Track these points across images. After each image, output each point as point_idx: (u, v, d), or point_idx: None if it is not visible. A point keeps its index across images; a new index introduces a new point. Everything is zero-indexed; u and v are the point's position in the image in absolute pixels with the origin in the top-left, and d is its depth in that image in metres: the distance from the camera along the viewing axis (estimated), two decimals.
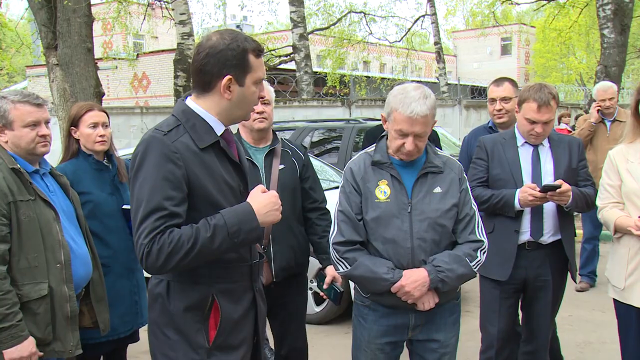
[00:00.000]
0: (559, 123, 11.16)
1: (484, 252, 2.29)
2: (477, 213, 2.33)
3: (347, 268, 2.26)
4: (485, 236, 2.33)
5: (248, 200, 1.84)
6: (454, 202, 2.26)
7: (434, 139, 4.12)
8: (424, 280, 2.16)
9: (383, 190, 2.25)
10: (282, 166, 2.85)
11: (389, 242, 2.22)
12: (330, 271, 2.86)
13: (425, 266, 2.20)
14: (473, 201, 2.35)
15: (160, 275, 1.87)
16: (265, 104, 2.80)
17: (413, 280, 2.16)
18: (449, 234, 2.27)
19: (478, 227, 2.31)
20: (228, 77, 1.81)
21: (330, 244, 2.31)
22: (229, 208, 1.80)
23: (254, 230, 1.80)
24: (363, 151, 2.39)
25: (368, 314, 2.34)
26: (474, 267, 2.25)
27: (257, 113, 2.77)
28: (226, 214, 1.77)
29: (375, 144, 2.36)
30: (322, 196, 3.03)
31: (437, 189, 2.26)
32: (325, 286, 2.88)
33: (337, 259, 2.29)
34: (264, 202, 1.83)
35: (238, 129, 2.94)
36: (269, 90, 2.85)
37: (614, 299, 2.76)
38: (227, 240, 1.75)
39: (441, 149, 4.20)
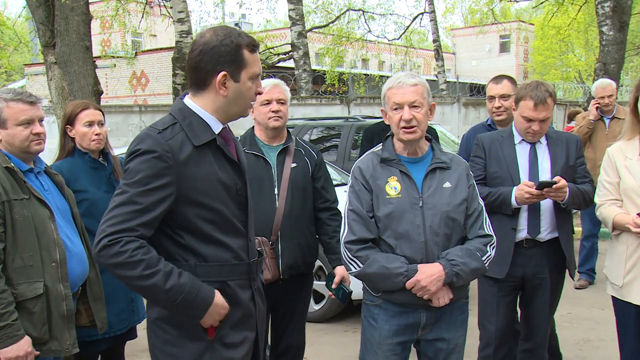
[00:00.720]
0: (570, 121, 11.09)
1: (493, 247, 2.31)
2: (484, 209, 2.35)
3: (359, 267, 2.24)
4: (493, 231, 2.34)
5: (216, 297, 1.81)
6: (464, 196, 2.28)
7: (433, 137, 4.11)
8: (440, 274, 2.16)
9: (393, 186, 2.25)
10: (294, 164, 2.89)
11: (401, 237, 2.22)
12: (339, 271, 2.88)
13: (439, 260, 2.20)
14: (480, 197, 2.37)
15: None
16: (281, 103, 2.86)
17: (429, 275, 2.15)
18: (461, 228, 2.28)
19: (486, 222, 2.33)
20: (223, 73, 1.80)
21: (342, 244, 2.30)
22: (199, 282, 1.78)
23: (193, 316, 1.78)
24: (370, 151, 2.40)
25: (379, 314, 2.31)
26: (485, 262, 2.26)
27: (273, 112, 2.83)
28: (194, 283, 1.76)
29: (381, 144, 2.38)
30: (334, 196, 3.05)
31: (447, 184, 2.28)
32: (334, 286, 2.89)
33: (350, 258, 2.26)
34: (219, 309, 1.82)
35: (253, 127, 2.99)
36: (284, 90, 2.91)
37: (612, 297, 2.76)
38: (173, 294, 1.72)
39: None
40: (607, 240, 3.08)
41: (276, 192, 2.83)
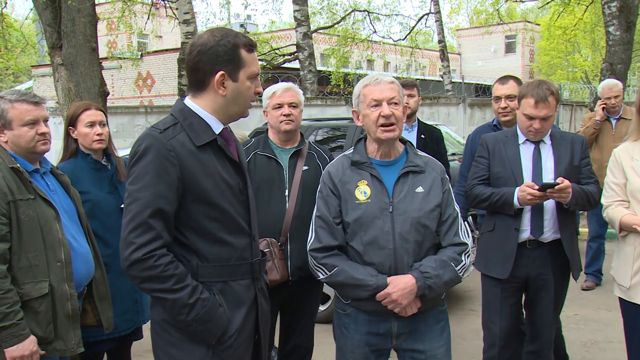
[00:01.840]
0: None
1: (468, 256, 2.23)
2: (459, 215, 2.28)
3: (326, 274, 2.19)
4: (468, 238, 2.26)
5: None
6: (436, 202, 2.20)
7: (438, 137, 4.11)
8: (412, 287, 2.09)
9: (363, 191, 2.19)
10: (306, 167, 2.91)
11: (370, 243, 2.15)
12: None
13: (411, 272, 2.13)
14: (455, 202, 2.30)
15: None
16: (292, 107, 2.89)
17: (401, 288, 2.09)
18: (432, 234, 2.20)
19: (461, 228, 2.25)
20: (221, 73, 1.82)
21: (308, 251, 2.26)
22: (218, 307, 1.82)
23: (210, 334, 1.81)
24: (341, 154, 2.35)
25: (349, 324, 2.26)
26: (459, 271, 2.18)
27: (284, 115, 2.87)
28: (214, 304, 1.81)
29: (353, 147, 2.32)
30: None
31: (419, 189, 2.20)
32: None
33: (316, 265, 2.22)
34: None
35: (267, 130, 3.02)
36: (297, 93, 2.94)
37: (619, 298, 2.74)
38: (196, 310, 1.77)
39: (445, 149, 4.20)
40: (614, 241, 3.06)
41: (287, 193, 2.85)
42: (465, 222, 2.43)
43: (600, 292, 5.29)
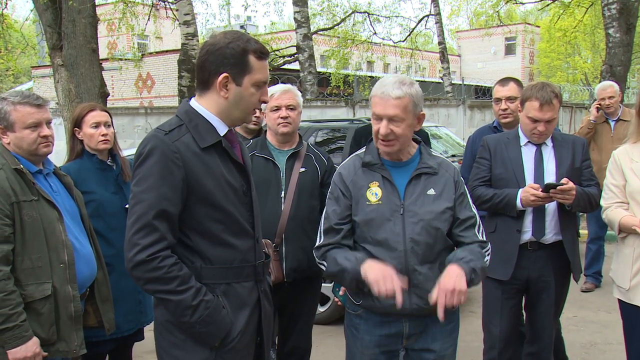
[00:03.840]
0: None
1: (488, 254, 2.23)
2: (478, 216, 2.26)
3: (325, 266, 2.21)
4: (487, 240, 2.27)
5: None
6: (448, 204, 2.18)
7: (424, 138, 4.09)
8: (460, 274, 2.01)
9: (374, 192, 2.18)
10: (303, 169, 2.91)
11: (380, 245, 2.14)
12: None
13: (453, 262, 2.07)
14: (472, 204, 2.27)
15: None
16: (290, 109, 2.89)
17: (453, 276, 2.00)
18: (444, 237, 2.18)
19: (480, 230, 2.25)
20: (224, 75, 1.83)
21: (313, 249, 2.29)
22: (221, 309, 1.83)
23: (213, 336, 1.82)
24: (354, 154, 2.34)
25: (360, 324, 2.25)
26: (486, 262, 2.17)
27: (282, 118, 2.86)
28: (218, 306, 1.82)
29: (365, 147, 2.30)
30: None
31: (431, 191, 2.18)
32: (341, 293, 2.90)
33: (319, 262, 2.25)
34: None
35: (266, 131, 3.03)
36: (295, 95, 2.94)
37: (619, 300, 2.75)
38: (199, 311, 1.78)
39: (431, 148, 4.18)
40: (613, 243, 3.06)
41: (283, 195, 2.85)
42: None
43: (600, 294, 5.30)
